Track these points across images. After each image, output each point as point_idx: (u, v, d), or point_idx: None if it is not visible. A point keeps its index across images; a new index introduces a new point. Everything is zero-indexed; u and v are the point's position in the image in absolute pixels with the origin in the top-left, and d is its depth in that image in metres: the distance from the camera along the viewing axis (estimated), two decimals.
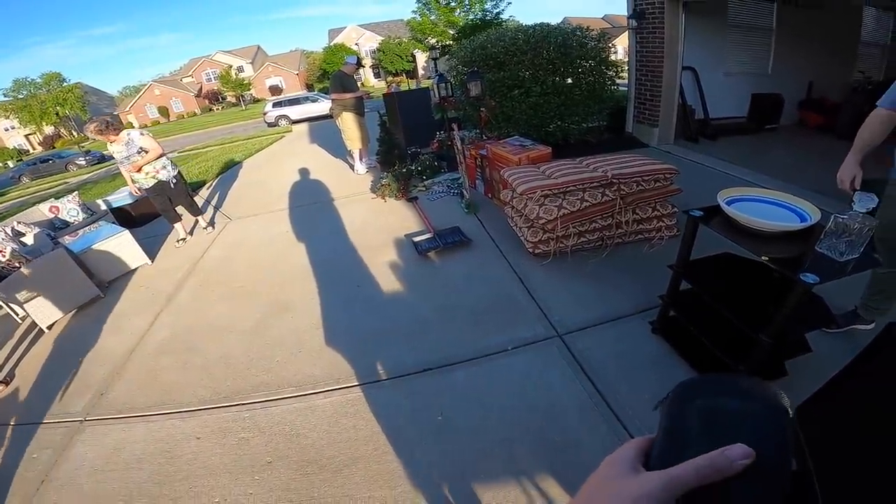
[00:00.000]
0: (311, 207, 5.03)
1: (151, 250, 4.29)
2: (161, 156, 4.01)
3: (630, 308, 2.54)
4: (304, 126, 13.78)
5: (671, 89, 5.54)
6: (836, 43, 6.45)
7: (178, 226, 4.41)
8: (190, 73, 41.95)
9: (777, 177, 4.22)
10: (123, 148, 3.76)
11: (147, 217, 5.36)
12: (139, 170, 3.86)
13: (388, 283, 3.16)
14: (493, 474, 1.71)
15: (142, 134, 3.89)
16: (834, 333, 2.17)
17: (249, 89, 37.99)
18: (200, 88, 41.11)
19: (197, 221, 4.71)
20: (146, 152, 3.86)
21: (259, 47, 45.04)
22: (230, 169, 7.93)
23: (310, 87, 36.06)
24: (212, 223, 4.89)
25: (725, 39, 6.12)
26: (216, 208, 5.60)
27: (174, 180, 4.17)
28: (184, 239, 4.46)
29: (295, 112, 16.17)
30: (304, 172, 6.64)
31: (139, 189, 4.06)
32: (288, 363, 2.51)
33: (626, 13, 5.70)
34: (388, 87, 8.74)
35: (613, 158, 3.12)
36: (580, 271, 2.92)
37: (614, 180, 2.83)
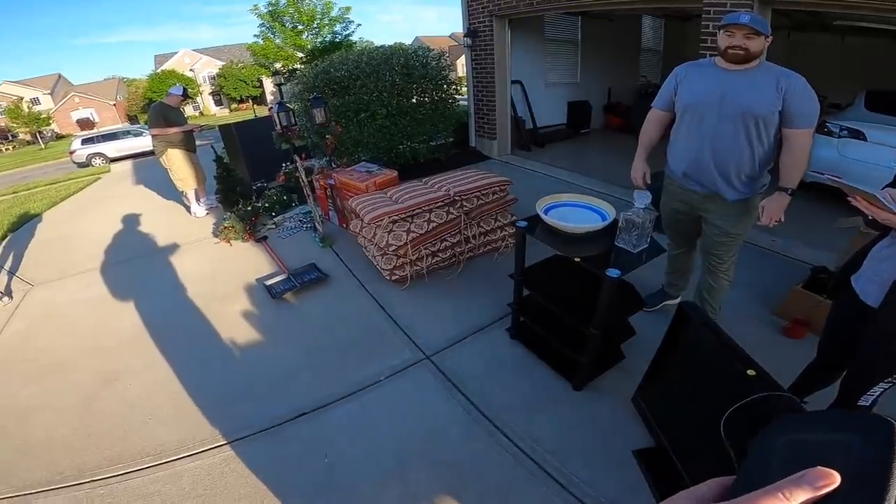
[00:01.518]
0: (138, 261, 4.23)
1: None
2: None
3: (489, 318, 2.66)
4: (126, 164, 11.81)
5: (504, 102, 6.08)
6: (625, 51, 7.81)
7: None
8: None
9: (594, 176, 4.92)
10: None
11: None
12: None
13: (245, 333, 2.81)
14: None
15: None
16: (651, 312, 2.52)
17: (49, 124, 31.33)
18: None
19: None
20: None
21: (60, 76, 37.53)
22: (26, 224, 6.30)
23: (132, 119, 31.30)
24: (7, 293, 3.79)
25: (544, 53, 6.93)
26: (11, 273, 4.36)
27: None
28: None
29: (112, 149, 13.70)
30: (129, 220, 5.59)
31: None
32: (136, 432, 2.15)
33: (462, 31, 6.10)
34: (269, 108, 7.80)
35: (454, 176, 3.25)
36: (438, 290, 2.97)
37: (456, 198, 2.93)
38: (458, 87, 6.26)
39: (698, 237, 2.26)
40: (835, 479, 0.26)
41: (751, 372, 1.25)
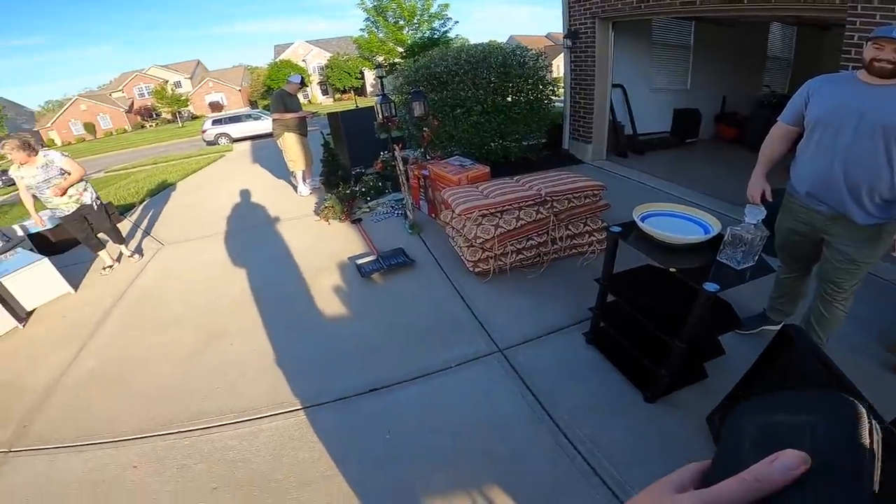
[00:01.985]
0: (250, 231, 4.84)
1: (74, 279, 3.94)
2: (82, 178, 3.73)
3: (567, 320, 2.64)
4: (245, 145, 13.31)
5: (602, 106, 5.88)
6: (745, 59, 7.12)
7: (102, 253, 4.08)
8: (120, 88, 39.36)
9: (697, 189, 4.58)
10: (40, 171, 3.43)
11: (68, 243, 4.91)
12: (63, 193, 3.54)
13: (332, 306, 3.10)
14: (442, 489, 1.73)
15: (63, 155, 3.59)
16: (748, 335, 2.36)
17: (187, 105, 36.25)
18: (132, 104, 38.65)
19: (120, 250, 4.37)
20: (68, 174, 3.56)
21: (199, 62, 43.25)
22: (163, 191, 7.46)
23: (253, 104, 34.96)
24: (139, 250, 4.55)
25: (650, 58, 6.56)
26: (146, 233, 5.24)
27: (97, 202, 3.88)
28: (111, 266, 4.12)
29: (236, 130, 15.55)
30: (244, 194, 6.38)
31: (47, 218, 3.70)
32: (228, 390, 2.42)
33: (563, 32, 6.02)
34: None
35: (547, 176, 3.26)
36: (519, 287, 3.01)
37: (548, 198, 2.95)
38: (555, 88, 6.18)
39: (815, 262, 2.07)
40: (805, 461, 0.26)
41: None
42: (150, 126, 37.17)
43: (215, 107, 36.92)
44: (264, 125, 15.16)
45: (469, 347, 2.52)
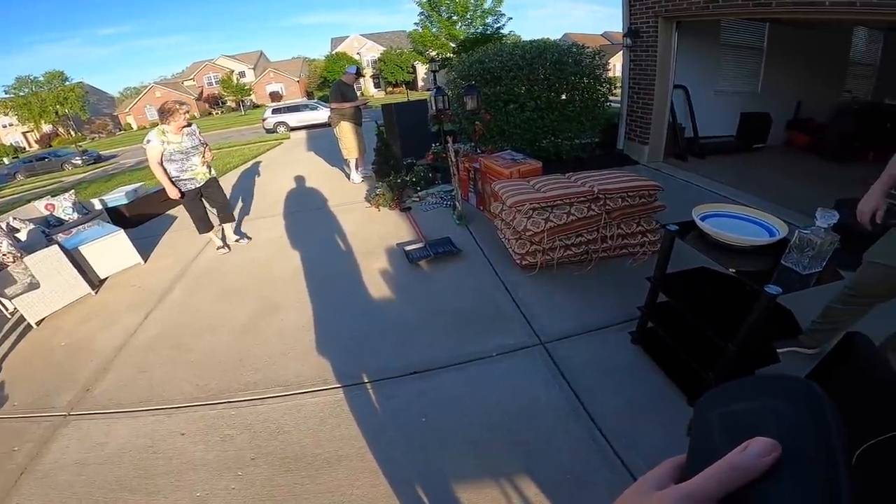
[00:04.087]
0: (306, 214, 5.10)
1: (145, 250, 4.32)
2: None
3: (611, 319, 2.61)
4: (302, 134, 13.90)
5: (662, 108, 5.67)
6: (825, 63, 6.61)
7: (212, 234, 4.15)
8: (192, 77, 42.15)
9: (762, 196, 4.33)
10: (186, 139, 3.57)
11: (142, 217, 5.41)
12: (205, 163, 3.77)
13: (379, 289, 3.22)
14: (473, 475, 1.76)
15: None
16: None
17: (250, 94, 38.26)
18: (201, 92, 41.28)
19: (223, 230, 4.31)
20: (206, 145, 3.78)
21: (262, 53, 45.43)
22: (226, 174, 7.99)
23: (310, 95, 36.32)
24: (243, 235, 4.54)
25: (717, 59, 6.25)
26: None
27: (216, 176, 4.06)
28: (225, 247, 4.18)
29: (294, 119, 16.29)
30: (300, 179, 6.71)
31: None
32: (277, 363, 2.55)
33: (622, 31, 5.86)
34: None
35: (600, 174, 3.22)
36: (565, 283, 3.00)
37: (600, 195, 2.92)
38: (612, 87, 6.03)
39: (891, 298, 1.84)
40: (776, 448, 0.27)
41: None
42: (217, 113, 39.55)
43: (275, 96, 38.73)
44: (320, 115, 15.78)
45: (511, 338, 2.53)
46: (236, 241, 4.35)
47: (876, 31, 6.80)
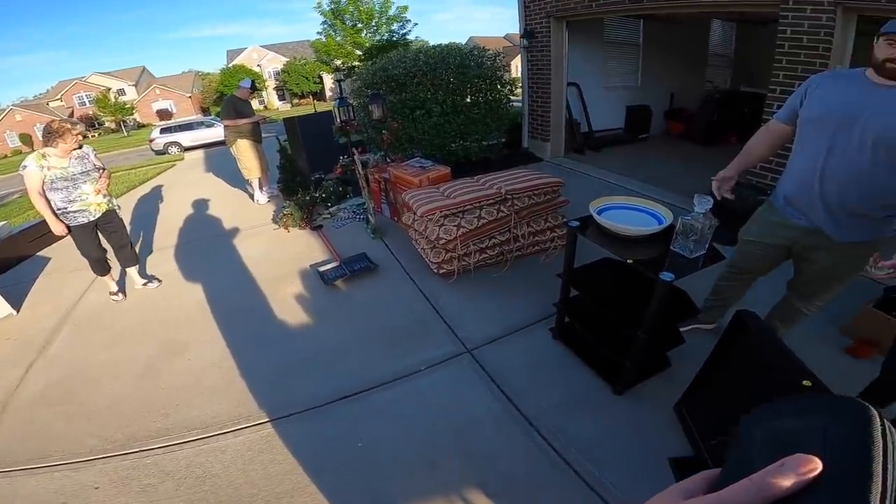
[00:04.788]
0: (206, 241, 4.60)
1: (16, 299, 3.62)
2: None
3: (533, 317, 2.67)
4: (198, 153, 12.74)
5: (559, 105, 6.01)
6: (691, 56, 7.46)
7: (107, 279, 3.48)
8: (59, 97, 36.78)
9: (651, 182, 4.75)
10: (75, 162, 2.98)
11: (8, 262, 4.51)
12: (102, 191, 3.14)
13: (295, 315, 3.00)
14: (419, 493, 1.73)
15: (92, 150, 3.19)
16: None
17: (132, 114, 34.35)
18: (72, 113, 36.07)
19: (128, 273, 3.68)
20: (102, 170, 3.16)
21: (144, 68, 41.06)
22: None
23: (205, 111, 33.59)
24: (150, 277, 3.78)
25: (603, 56, 6.75)
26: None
27: (118, 208, 3.43)
28: (119, 293, 3.54)
29: (187, 138, 14.87)
30: (198, 205, 6.08)
31: (67, 227, 3.05)
32: (189, 405, 2.31)
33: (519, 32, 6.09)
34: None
35: (507, 175, 3.27)
36: (484, 286, 3.01)
37: (508, 196, 2.96)
38: (513, 88, 6.26)
39: (764, 275, 2.05)
40: (816, 465, 0.26)
41: (806, 382, 1.20)
42: (93, 136, 34.89)
43: (164, 114, 35.13)
44: (217, 132, 14.50)
45: (437, 350, 2.50)
46: (143, 284, 3.68)
47: (729, 25, 7.83)
